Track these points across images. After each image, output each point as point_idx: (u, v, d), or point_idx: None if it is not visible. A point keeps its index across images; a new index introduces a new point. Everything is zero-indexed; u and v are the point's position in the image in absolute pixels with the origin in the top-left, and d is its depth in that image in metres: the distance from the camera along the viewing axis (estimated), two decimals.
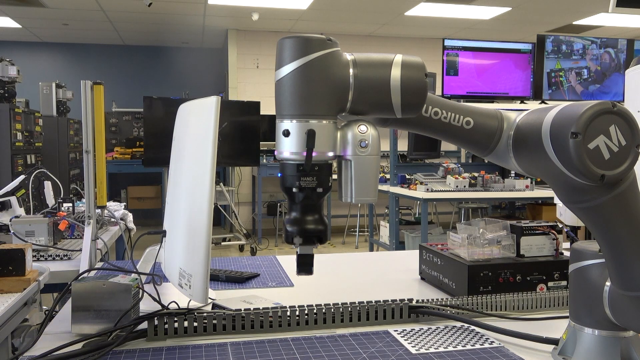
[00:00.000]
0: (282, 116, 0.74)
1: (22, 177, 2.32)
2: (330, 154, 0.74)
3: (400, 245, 4.65)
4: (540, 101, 4.36)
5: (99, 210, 2.06)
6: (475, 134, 0.85)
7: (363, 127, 0.76)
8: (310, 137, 0.72)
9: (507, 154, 0.87)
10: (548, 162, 0.79)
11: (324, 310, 1.16)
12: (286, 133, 0.73)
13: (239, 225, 6.61)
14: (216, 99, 1.06)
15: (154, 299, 1.16)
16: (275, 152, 0.76)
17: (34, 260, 1.68)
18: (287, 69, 0.72)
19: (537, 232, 1.31)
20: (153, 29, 7.86)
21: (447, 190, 4.28)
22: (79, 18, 7.23)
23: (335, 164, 0.83)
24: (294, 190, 0.74)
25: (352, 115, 0.78)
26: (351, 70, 0.74)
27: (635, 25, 7.53)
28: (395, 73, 0.75)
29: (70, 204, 2.38)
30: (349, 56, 0.75)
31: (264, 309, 1.14)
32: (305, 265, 0.79)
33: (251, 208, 7.85)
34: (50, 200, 2.53)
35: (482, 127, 0.85)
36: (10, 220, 1.99)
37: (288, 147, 0.73)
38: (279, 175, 0.77)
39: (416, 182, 4.45)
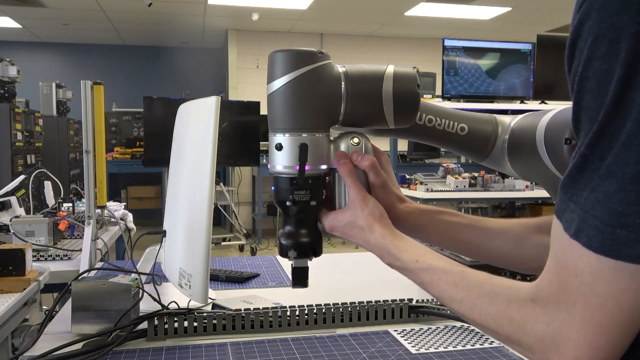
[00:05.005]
0: (275, 130, 0.73)
1: (22, 177, 2.32)
2: (324, 167, 0.74)
3: None
4: (540, 101, 4.36)
5: (99, 210, 2.06)
6: (471, 140, 0.86)
7: (356, 139, 0.76)
8: (302, 151, 0.72)
9: (502, 158, 0.87)
10: (543, 167, 0.79)
11: (324, 310, 1.16)
12: (279, 147, 0.73)
13: (239, 225, 6.61)
14: (216, 99, 1.06)
15: (154, 299, 1.16)
16: (268, 166, 0.76)
17: (34, 260, 1.68)
18: (278, 83, 0.72)
19: None
20: (153, 29, 7.86)
21: (447, 190, 4.28)
22: (79, 18, 7.23)
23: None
24: (288, 204, 0.74)
25: (345, 127, 0.78)
26: (342, 83, 0.74)
27: None
28: (387, 85, 0.75)
29: (70, 204, 2.37)
30: (340, 68, 0.75)
31: (264, 309, 1.14)
32: (300, 279, 0.79)
33: (251, 208, 7.85)
34: (50, 200, 2.53)
35: (477, 133, 0.85)
36: (10, 220, 1.99)
37: (281, 161, 0.73)
38: (273, 188, 0.76)
39: (416, 182, 4.45)
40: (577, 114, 0.47)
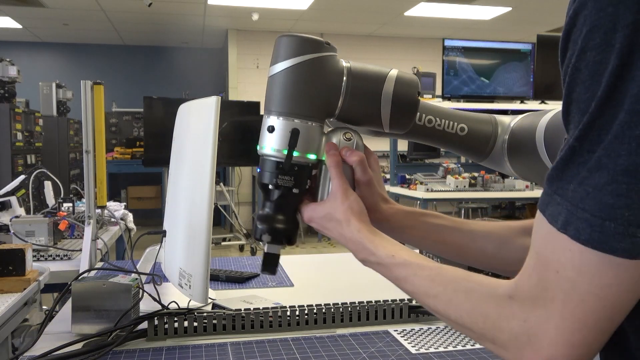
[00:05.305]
0: (269, 112, 0.74)
1: (22, 177, 2.32)
2: (312, 156, 0.74)
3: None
4: (540, 101, 4.36)
5: (99, 210, 2.06)
6: (470, 140, 0.85)
7: (349, 135, 0.76)
8: (293, 136, 0.72)
9: (502, 158, 0.87)
10: (543, 167, 0.79)
11: (324, 310, 1.16)
12: (270, 129, 0.73)
13: (239, 225, 6.61)
14: (216, 99, 1.06)
15: (154, 299, 1.16)
16: (258, 147, 0.75)
17: (34, 260, 1.68)
18: (280, 66, 0.72)
19: None
20: (153, 29, 7.86)
21: (447, 190, 4.29)
22: (79, 18, 7.23)
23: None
24: (270, 187, 0.74)
25: (341, 122, 0.78)
26: (345, 77, 0.74)
27: None
28: (388, 87, 0.75)
29: (70, 204, 2.37)
30: (344, 63, 0.75)
31: (264, 309, 1.14)
32: (270, 265, 0.77)
33: (251, 208, 7.85)
34: (50, 200, 2.53)
35: (477, 133, 0.85)
36: (11, 220, 1.99)
37: (270, 143, 0.73)
38: (258, 170, 0.76)
39: (416, 182, 4.45)
40: (567, 107, 0.46)
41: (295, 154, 0.72)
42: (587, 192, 0.42)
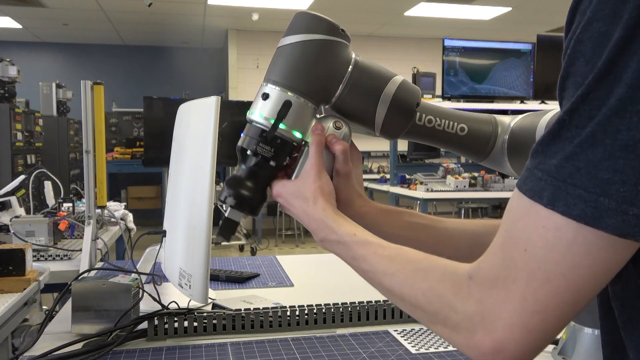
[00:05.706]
0: (268, 80, 0.74)
1: (22, 177, 2.32)
2: (298, 134, 0.73)
3: None
4: (540, 101, 4.36)
5: (99, 210, 2.06)
6: (470, 140, 0.86)
7: (339, 124, 0.76)
8: (284, 107, 0.72)
9: (502, 158, 0.87)
10: None
11: (324, 310, 1.16)
12: (265, 96, 0.73)
13: (239, 225, 6.60)
14: (216, 99, 1.06)
15: (154, 299, 1.16)
16: (248, 112, 0.75)
17: (34, 260, 1.68)
18: (291, 39, 0.73)
19: None
20: (153, 29, 7.86)
21: (447, 190, 4.29)
22: (79, 18, 7.23)
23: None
24: (249, 152, 0.73)
25: (335, 112, 0.78)
26: (350, 67, 0.74)
27: None
28: (390, 88, 0.75)
29: (70, 204, 2.38)
30: (354, 55, 0.76)
31: (264, 309, 1.14)
32: (226, 231, 0.76)
33: None
34: (50, 200, 2.53)
35: (477, 133, 0.85)
36: (11, 220, 1.99)
37: (261, 110, 0.72)
38: (241, 133, 0.75)
39: (416, 182, 4.45)
40: (563, 81, 0.44)
41: (282, 126, 0.72)
42: (577, 168, 0.40)
